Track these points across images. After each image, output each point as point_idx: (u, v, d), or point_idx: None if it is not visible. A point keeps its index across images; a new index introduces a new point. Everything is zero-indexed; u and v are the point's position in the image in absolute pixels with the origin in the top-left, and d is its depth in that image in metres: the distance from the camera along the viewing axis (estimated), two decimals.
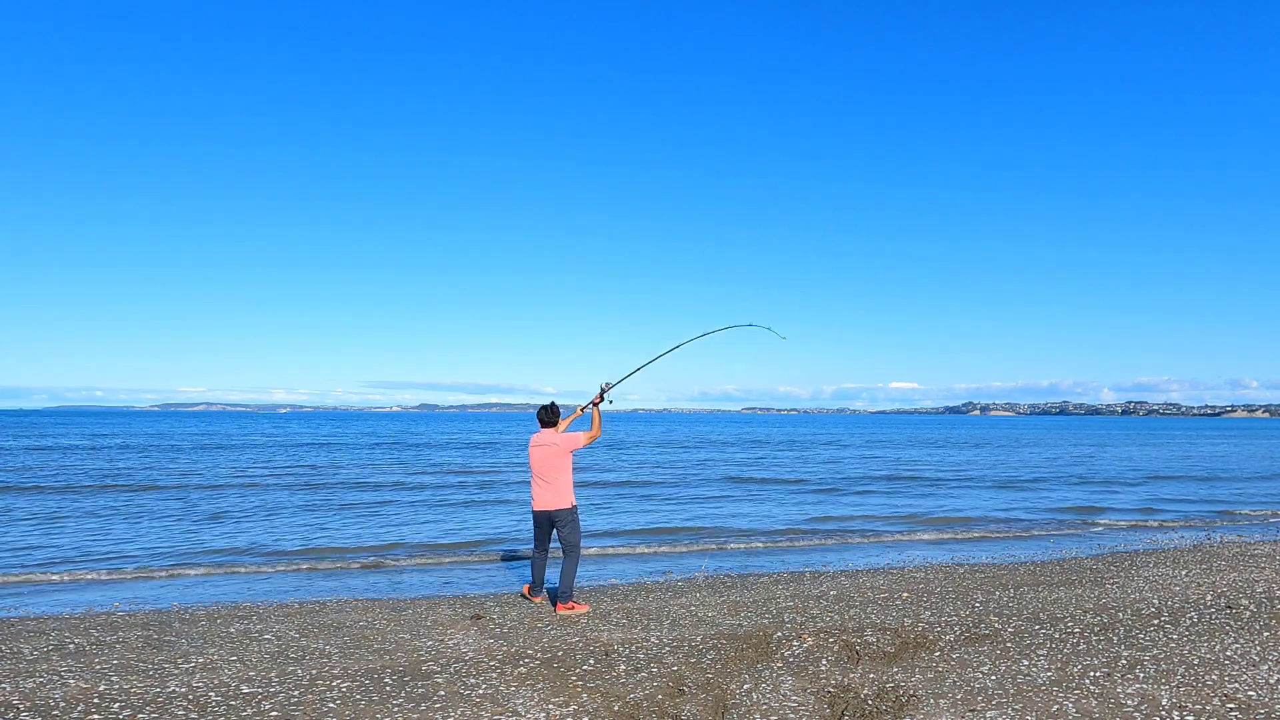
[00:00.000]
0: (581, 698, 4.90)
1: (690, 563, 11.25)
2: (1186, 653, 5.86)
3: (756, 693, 4.99)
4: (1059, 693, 4.97)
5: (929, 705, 4.74)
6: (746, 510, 17.88)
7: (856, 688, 5.04)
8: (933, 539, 13.91)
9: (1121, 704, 4.75)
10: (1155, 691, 4.98)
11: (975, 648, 6.05)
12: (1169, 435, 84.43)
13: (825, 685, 5.10)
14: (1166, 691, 4.98)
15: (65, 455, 34.88)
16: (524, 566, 10.66)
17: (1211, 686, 5.08)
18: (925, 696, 4.88)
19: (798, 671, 5.43)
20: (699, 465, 32.74)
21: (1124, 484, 25.24)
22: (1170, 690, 5.00)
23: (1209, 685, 5.10)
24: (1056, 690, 5.02)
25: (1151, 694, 4.93)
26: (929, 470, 30.30)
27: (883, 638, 6.31)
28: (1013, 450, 47.01)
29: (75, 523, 14.96)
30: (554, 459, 7.55)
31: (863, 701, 4.78)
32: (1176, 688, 5.05)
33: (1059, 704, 4.76)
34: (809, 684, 5.15)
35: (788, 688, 5.08)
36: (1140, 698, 4.86)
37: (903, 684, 5.11)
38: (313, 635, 6.64)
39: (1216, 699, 4.84)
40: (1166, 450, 47.89)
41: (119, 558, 11.55)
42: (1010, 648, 6.05)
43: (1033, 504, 19.42)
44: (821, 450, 45.45)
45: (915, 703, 4.77)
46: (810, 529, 14.96)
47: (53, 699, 4.87)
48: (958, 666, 5.54)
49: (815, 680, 5.23)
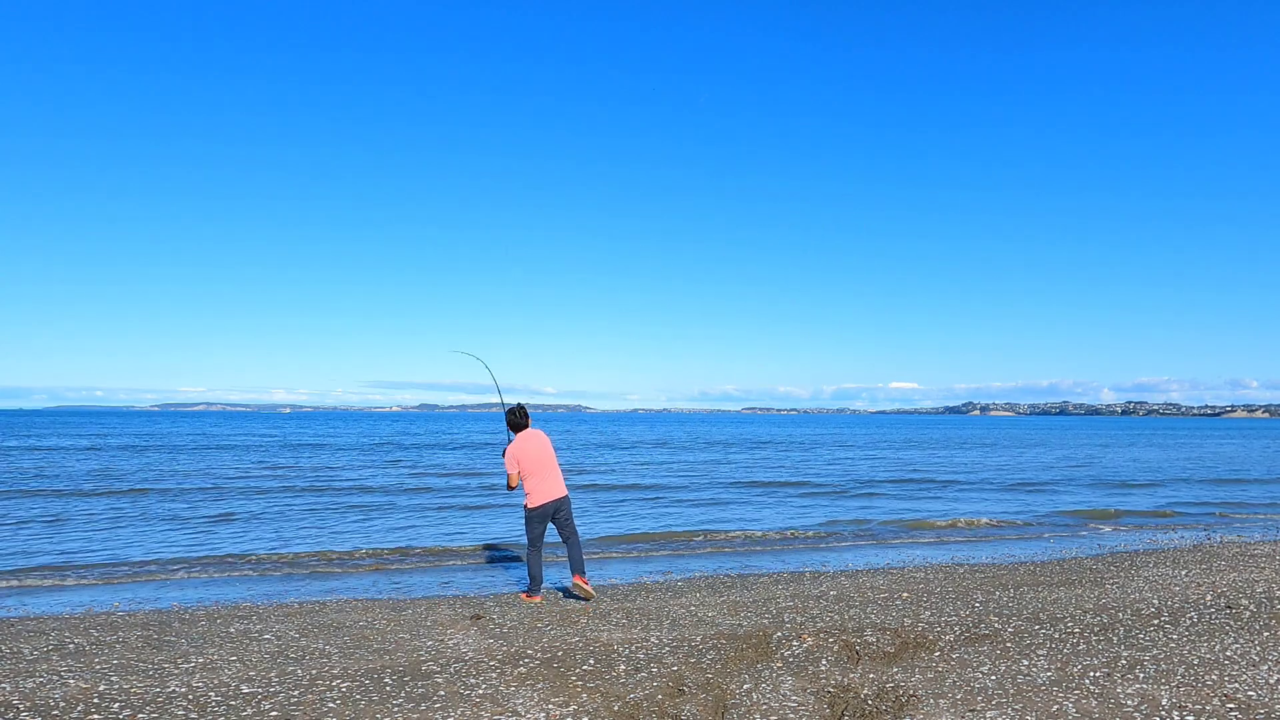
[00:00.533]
0: (581, 698, 4.90)
1: (690, 563, 11.25)
2: (1186, 653, 5.86)
3: (756, 693, 4.99)
4: (1059, 693, 4.97)
5: (929, 705, 4.74)
6: (759, 516, 17.87)
7: (856, 688, 5.03)
8: (933, 539, 13.90)
9: (1121, 704, 4.75)
10: (1155, 691, 4.97)
11: (975, 648, 6.05)
12: (1173, 435, 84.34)
13: (825, 685, 5.10)
14: (1166, 691, 4.97)
15: (66, 456, 34.88)
16: (523, 567, 10.64)
17: (1211, 686, 5.08)
18: (925, 696, 4.88)
19: (798, 671, 5.43)
20: (704, 467, 32.73)
21: (1138, 485, 25.00)
22: (1170, 690, 5.00)
23: (1209, 685, 5.10)
24: (1056, 690, 5.02)
25: (1151, 694, 4.93)
26: (941, 472, 29.73)
27: (883, 638, 6.31)
28: (1019, 451, 46.92)
29: (75, 523, 14.96)
30: (551, 450, 8.28)
31: (863, 701, 4.78)
32: (1176, 688, 5.05)
33: (1059, 704, 4.76)
34: (809, 684, 5.14)
35: (788, 688, 5.08)
36: (1140, 698, 4.86)
37: (903, 684, 5.11)
38: (313, 635, 6.64)
39: (1216, 699, 4.84)
40: (1175, 451, 47.76)
41: (119, 559, 11.55)
42: (1010, 648, 6.05)
43: (1051, 506, 19.17)
44: (827, 451, 45.40)
45: (915, 703, 4.77)
46: (831, 533, 14.93)
47: (53, 699, 4.87)
48: (958, 666, 5.54)
49: (815, 680, 5.23)
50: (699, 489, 22.78)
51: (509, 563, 11.27)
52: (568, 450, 42.49)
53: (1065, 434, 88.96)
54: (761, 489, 23.04)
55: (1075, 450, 47.76)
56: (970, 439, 68.82)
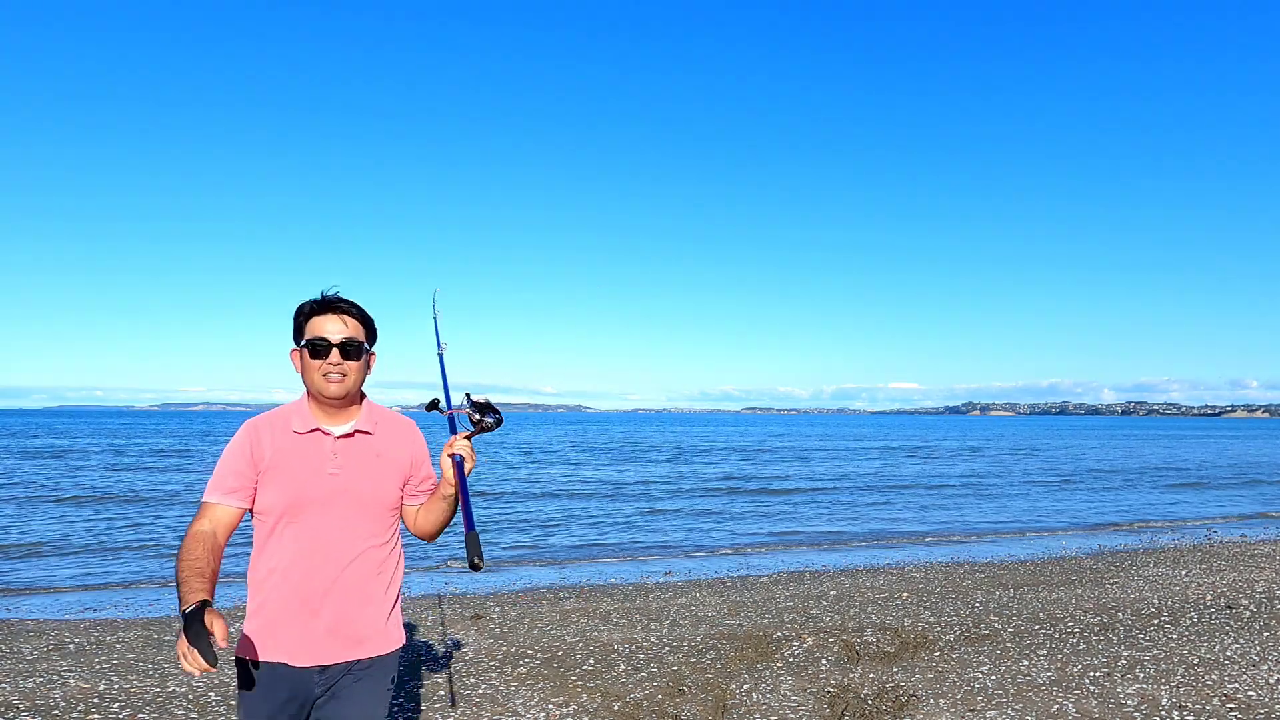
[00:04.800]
0: (581, 698, 4.90)
1: (690, 563, 11.25)
2: (1186, 653, 5.86)
3: (756, 693, 4.99)
4: (1059, 693, 4.97)
5: (929, 705, 4.74)
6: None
7: (856, 688, 5.03)
8: (932, 539, 13.90)
9: (1121, 704, 4.75)
10: (1155, 691, 4.98)
11: (975, 648, 6.05)
12: (1176, 436, 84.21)
13: (825, 685, 5.10)
14: (1166, 691, 4.97)
15: (67, 457, 34.89)
16: (523, 567, 10.65)
17: (1211, 686, 5.08)
18: (925, 696, 4.88)
19: (798, 671, 5.43)
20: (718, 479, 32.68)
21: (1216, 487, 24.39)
22: (1170, 690, 5.00)
23: (1209, 685, 5.10)
24: (1056, 690, 5.02)
25: (1151, 694, 4.93)
26: (995, 479, 27.25)
27: (883, 638, 6.31)
28: (1026, 458, 46.90)
29: (75, 524, 14.96)
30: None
31: (863, 701, 4.78)
32: (1176, 688, 5.05)
33: (1059, 704, 4.76)
34: (809, 684, 5.14)
35: (788, 688, 5.08)
36: (1140, 698, 4.86)
37: (903, 684, 5.11)
38: None
39: (1216, 699, 4.84)
40: (1202, 450, 47.44)
41: (119, 561, 11.55)
42: (1010, 648, 6.05)
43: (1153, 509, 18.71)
44: (873, 459, 45.18)
45: (915, 703, 4.77)
46: None
47: (53, 699, 4.87)
48: (958, 666, 5.54)
49: (815, 680, 5.23)
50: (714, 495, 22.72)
51: (509, 563, 11.27)
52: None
53: (1078, 435, 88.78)
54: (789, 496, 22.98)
55: (1107, 454, 47.59)
56: (978, 440, 68.60)
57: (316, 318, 2.35)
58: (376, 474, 2.38)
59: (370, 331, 2.44)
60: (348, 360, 2.33)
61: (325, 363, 2.30)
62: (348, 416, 2.41)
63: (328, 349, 2.31)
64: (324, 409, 2.37)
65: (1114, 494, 22.26)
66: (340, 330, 2.33)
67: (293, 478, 2.29)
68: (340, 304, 2.37)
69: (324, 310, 2.36)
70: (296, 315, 2.38)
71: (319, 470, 2.32)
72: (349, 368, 2.33)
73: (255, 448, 2.31)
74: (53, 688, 5.11)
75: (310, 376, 2.34)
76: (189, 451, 39.44)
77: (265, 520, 2.31)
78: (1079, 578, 9.25)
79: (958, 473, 29.36)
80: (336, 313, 2.35)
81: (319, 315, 2.35)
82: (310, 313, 2.37)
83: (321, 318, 2.34)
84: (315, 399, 2.37)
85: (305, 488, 2.29)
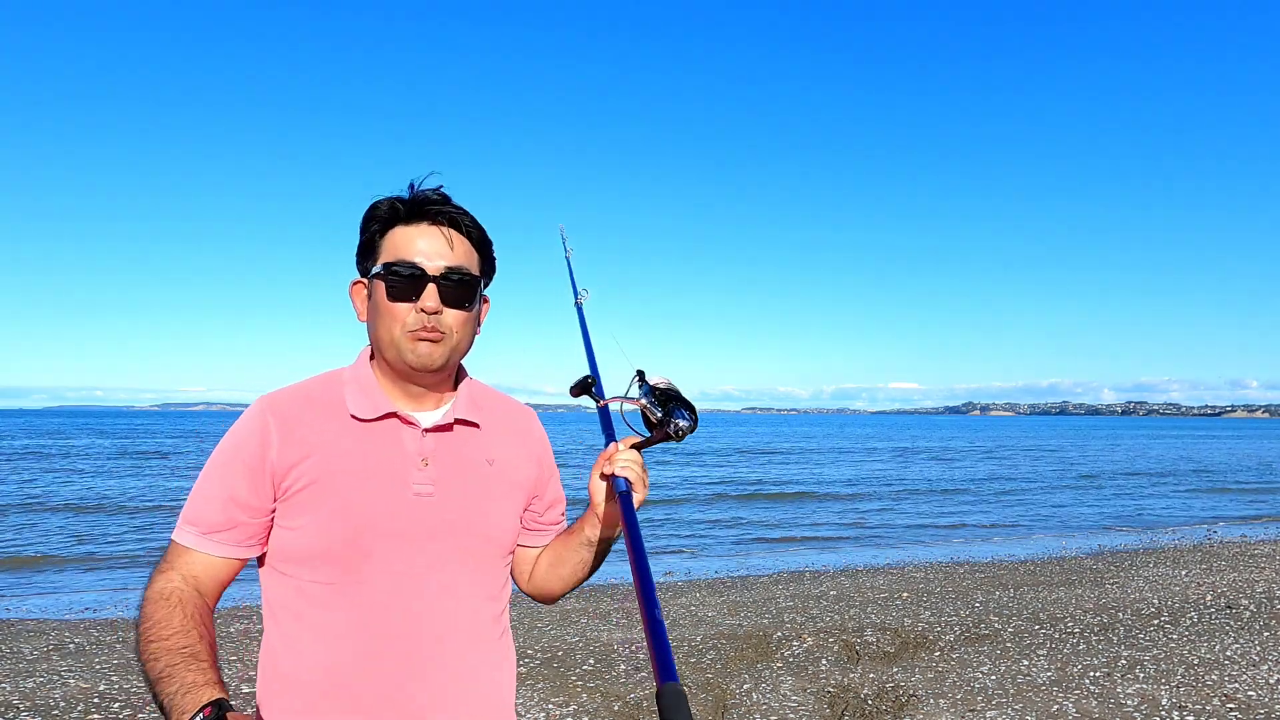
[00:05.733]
0: (581, 698, 4.90)
1: (690, 563, 11.25)
2: (1186, 653, 5.86)
3: (756, 693, 4.99)
4: (1059, 693, 4.97)
5: (929, 705, 4.74)
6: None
7: (856, 688, 5.04)
8: (932, 539, 13.91)
9: (1121, 704, 4.75)
10: (1155, 691, 4.98)
11: (975, 648, 6.05)
12: (1178, 435, 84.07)
13: (825, 685, 5.10)
14: (1166, 691, 4.97)
15: (66, 458, 34.89)
16: None
17: (1211, 686, 5.08)
18: (925, 696, 4.88)
19: (798, 671, 5.43)
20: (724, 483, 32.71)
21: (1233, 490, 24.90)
22: (1170, 690, 5.00)
23: (1209, 685, 5.10)
24: (1056, 690, 5.02)
25: (1151, 694, 4.93)
26: (1019, 480, 26.64)
27: (883, 638, 6.31)
28: (1037, 458, 46.82)
29: (75, 524, 14.97)
30: None
31: (863, 701, 4.78)
32: (1176, 688, 5.05)
33: (1059, 704, 4.76)
34: (809, 684, 5.14)
35: (788, 688, 5.08)
36: (1140, 698, 4.86)
37: (903, 684, 5.11)
38: None
39: (1216, 699, 4.84)
40: (1204, 449, 47.28)
41: (119, 559, 11.55)
42: (1010, 648, 6.05)
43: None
44: (880, 461, 45.07)
45: (915, 703, 4.77)
46: None
47: (53, 699, 4.87)
48: (958, 666, 5.54)
49: (815, 680, 5.23)
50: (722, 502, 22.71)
51: None
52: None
53: (1078, 435, 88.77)
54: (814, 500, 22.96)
55: (1111, 452, 47.46)
56: (985, 441, 68.56)
57: (402, 227, 1.34)
58: (490, 492, 1.41)
59: (488, 260, 1.42)
60: (452, 307, 1.33)
61: (415, 307, 1.31)
62: (440, 398, 1.42)
63: (421, 282, 1.31)
64: (402, 384, 1.38)
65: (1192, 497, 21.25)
66: (443, 254, 1.33)
67: (352, 497, 1.30)
68: (447, 210, 1.35)
69: (417, 216, 1.34)
70: (367, 221, 1.37)
71: (400, 484, 1.33)
72: (454, 319, 1.34)
73: (271, 448, 1.30)
74: (53, 688, 5.11)
75: (384, 328, 1.33)
76: (188, 452, 39.45)
77: (295, 576, 1.31)
78: (1079, 578, 9.25)
79: (982, 474, 28.76)
80: (437, 223, 1.34)
81: (408, 224, 1.34)
82: (390, 217, 1.35)
83: (412, 227, 1.34)
84: (388, 366, 1.37)
85: (377, 516, 1.30)
